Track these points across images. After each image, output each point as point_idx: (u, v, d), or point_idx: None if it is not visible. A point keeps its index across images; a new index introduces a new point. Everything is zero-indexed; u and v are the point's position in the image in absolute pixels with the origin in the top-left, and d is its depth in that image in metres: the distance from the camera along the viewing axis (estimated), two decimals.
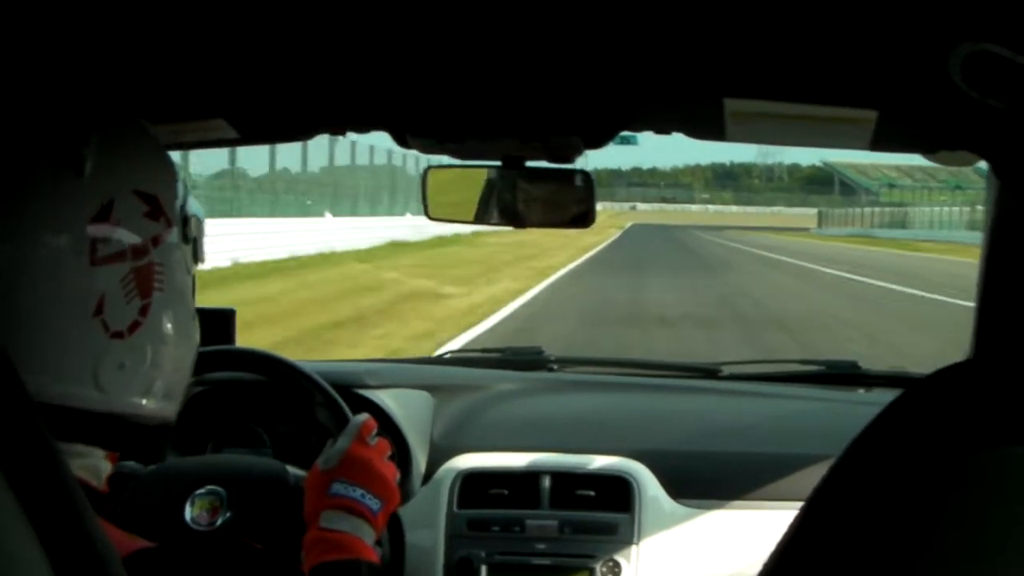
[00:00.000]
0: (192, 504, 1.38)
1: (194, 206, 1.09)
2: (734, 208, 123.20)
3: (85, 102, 1.02)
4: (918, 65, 0.94)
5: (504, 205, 1.55)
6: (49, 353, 0.94)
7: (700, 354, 8.73)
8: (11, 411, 0.70)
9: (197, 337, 1.10)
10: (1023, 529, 0.56)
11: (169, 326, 1.02)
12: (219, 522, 1.37)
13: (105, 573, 0.71)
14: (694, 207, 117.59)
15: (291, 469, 1.39)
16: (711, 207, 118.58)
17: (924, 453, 0.59)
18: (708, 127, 1.25)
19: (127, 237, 0.98)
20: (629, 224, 72.16)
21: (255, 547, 1.09)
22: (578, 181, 1.52)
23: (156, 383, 1.01)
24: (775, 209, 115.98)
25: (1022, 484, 0.57)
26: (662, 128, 1.37)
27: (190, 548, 1.11)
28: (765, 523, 1.74)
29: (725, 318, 12.96)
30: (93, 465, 1.01)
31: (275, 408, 1.87)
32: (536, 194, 1.55)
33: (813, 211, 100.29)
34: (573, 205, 1.55)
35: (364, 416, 1.30)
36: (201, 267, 1.11)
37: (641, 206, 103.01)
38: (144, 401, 1.01)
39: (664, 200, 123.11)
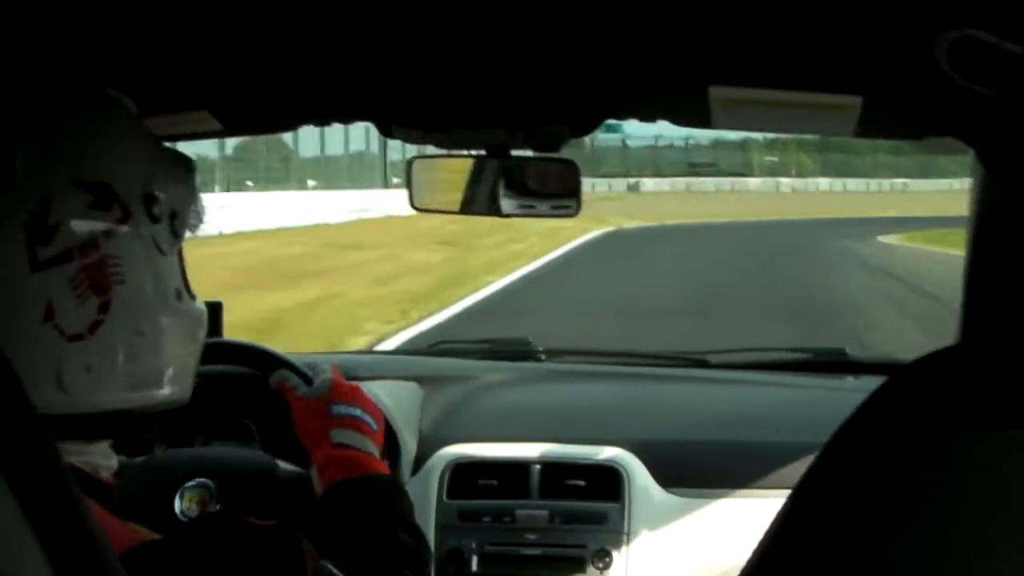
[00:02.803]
0: (182, 497, 1.38)
1: (172, 174, 1.01)
2: (823, 182, 62.12)
3: (18, 99, 0.95)
4: (904, 51, 0.93)
5: (490, 195, 1.55)
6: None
7: None
8: (9, 411, 0.70)
9: (190, 313, 1.03)
10: (1007, 513, 0.56)
11: (140, 316, 0.96)
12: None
13: (99, 562, 0.70)
14: (752, 182, 60.75)
15: (282, 464, 1.39)
16: (783, 181, 61.51)
17: (908, 439, 0.59)
18: (694, 115, 1.25)
19: (71, 235, 0.91)
20: (591, 239, 22.22)
21: (254, 524, 1.09)
22: (564, 170, 1.52)
23: (140, 374, 0.97)
24: (895, 182, 60.70)
25: (1006, 469, 0.57)
26: (648, 116, 1.37)
27: (194, 539, 1.11)
28: (756, 512, 1.74)
29: None
30: (93, 462, 0.98)
31: (264, 401, 1.87)
32: (524, 184, 1.55)
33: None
34: (561, 195, 1.54)
35: (328, 365, 1.34)
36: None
37: (650, 184, 54.86)
38: (132, 394, 0.96)
39: (694, 170, 61.80)
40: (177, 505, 1.37)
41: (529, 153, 1.45)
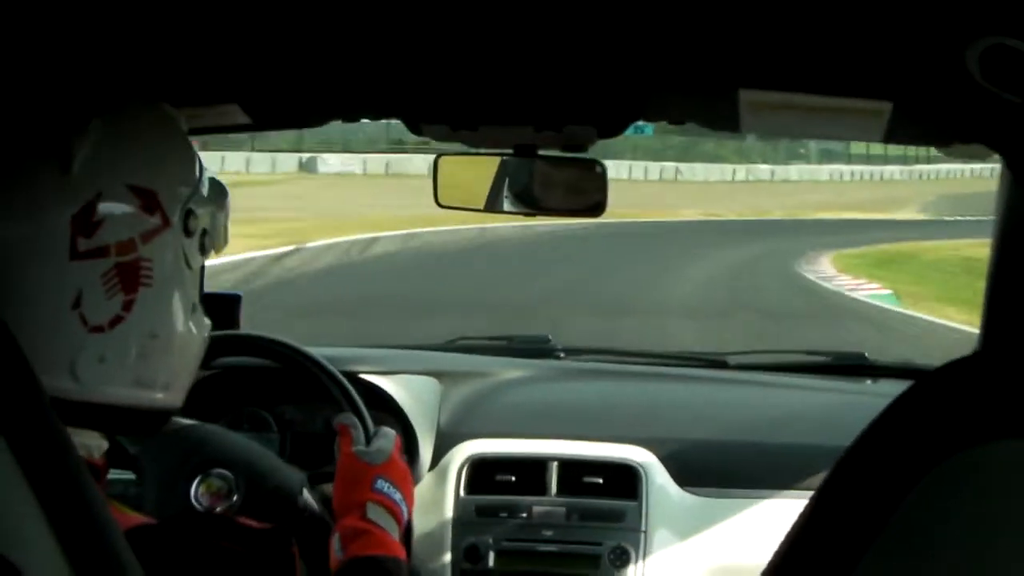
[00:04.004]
0: (200, 483, 1.39)
1: (210, 194, 1.06)
2: (753, 168, 38.68)
3: (80, 90, 1.00)
4: (935, 58, 0.93)
5: (516, 193, 1.55)
6: (27, 343, 0.90)
7: None
8: (18, 390, 0.71)
9: (199, 328, 1.08)
10: None
11: (158, 320, 1.00)
12: (219, 508, 1.38)
13: (109, 548, 0.73)
14: (646, 168, 35.01)
15: (306, 492, 1.39)
16: (683, 167, 37.41)
17: (934, 445, 0.60)
18: (723, 117, 1.25)
19: (112, 233, 0.95)
20: None
21: (247, 525, 1.10)
22: (591, 170, 1.52)
23: (146, 374, 1.00)
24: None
25: None
26: (676, 118, 1.37)
27: (188, 527, 1.12)
28: (772, 513, 1.74)
29: None
30: (85, 443, 0.99)
31: (282, 393, 1.88)
32: (548, 183, 1.55)
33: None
34: (586, 194, 1.55)
35: (393, 432, 1.34)
36: None
37: (334, 161, 32.58)
38: (135, 392, 0.99)
39: (400, 147, 31.17)
40: (193, 490, 1.39)
41: (555, 153, 1.46)
